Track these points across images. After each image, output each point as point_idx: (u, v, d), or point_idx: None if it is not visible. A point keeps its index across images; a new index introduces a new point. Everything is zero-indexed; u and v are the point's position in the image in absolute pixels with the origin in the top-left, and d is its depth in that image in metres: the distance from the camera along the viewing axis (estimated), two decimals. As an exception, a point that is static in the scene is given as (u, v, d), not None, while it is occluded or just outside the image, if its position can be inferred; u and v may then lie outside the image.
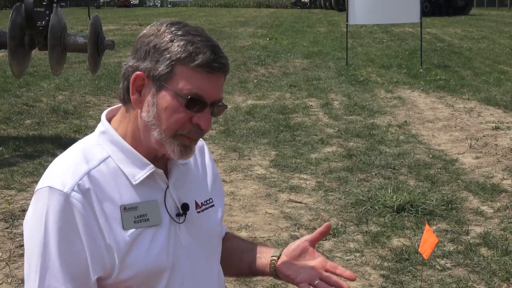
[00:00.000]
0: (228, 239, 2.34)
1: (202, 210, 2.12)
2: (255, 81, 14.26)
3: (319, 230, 2.17)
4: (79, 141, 2.06)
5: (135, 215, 1.95)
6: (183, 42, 1.88)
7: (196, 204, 2.10)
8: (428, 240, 3.12)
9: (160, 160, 2.03)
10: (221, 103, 1.97)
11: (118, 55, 18.77)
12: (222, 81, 1.96)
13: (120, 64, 16.55)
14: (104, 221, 1.91)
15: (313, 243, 2.20)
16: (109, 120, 2.06)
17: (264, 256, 2.28)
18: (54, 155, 7.77)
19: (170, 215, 2.01)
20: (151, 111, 1.91)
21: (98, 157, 1.97)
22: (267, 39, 24.83)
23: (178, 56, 1.87)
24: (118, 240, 1.92)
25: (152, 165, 1.98)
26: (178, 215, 2.03)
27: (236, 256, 2.31)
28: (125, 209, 1.94)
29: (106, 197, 1.93)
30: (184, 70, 1.88)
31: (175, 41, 1.88)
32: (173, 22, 1.95)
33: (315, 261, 2.17)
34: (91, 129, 9.08)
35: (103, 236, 1.90)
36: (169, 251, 1.99)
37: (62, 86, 12.99)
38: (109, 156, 1.97)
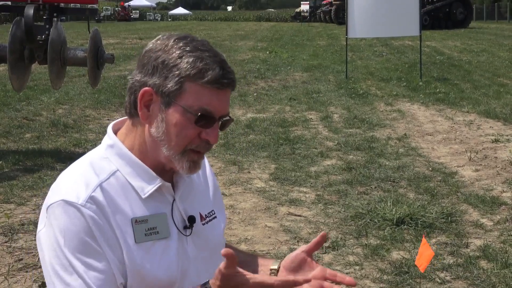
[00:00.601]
0: None
1: (207, 222, 2.14)
2: (255, 94, 14.27)
3: (314, 240, 2.17)
4: (86, 155, 2.07)
5: (145, 228, 1.96)
6: (192, 58, 1.89)
7: (201, 216, 2.12)
8: (424, 253, 3.12)
9: (166, 173, 2.04)
10: (228, 117, 1.99)
11: (118, 69, 18.80)
12: (229, 96, 1.98)
13: (120, 77, 16.61)
14: (119, 233, 1.92)
15: (310, 253, 2.20)
16: (115, 133, 2.06)
17: (263, 270, 2.27)
18: (54, 169, 7.81)
19: (177, 228, 2.03)
20: (160, 127, 1.93)
21: (106, 170, 1.98)
22: (267, 52, 24.89)
23: (188, 73, 1.88)
24: (131, 253, 1.94)
25: (160, 179, 2.00)
26: (185, 227, 2.05)
27: None
28: (136, 221, 1.95)
29: (118, 210, 1.94)
30: (193, 86, 1.89)
31: (184, 57, 1.89)
32: (180, 36, 1.95)
33: (314, 271, 2.17)
34: (91, 142, 9.14)
35: (120, 247, 1.92)
36: (178, 263, 2.01)
37: (62, 100, 13.01)
38: (117, 170, 1.99)
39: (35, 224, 5.76)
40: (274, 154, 8.71)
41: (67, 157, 8.33)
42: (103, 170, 1.98)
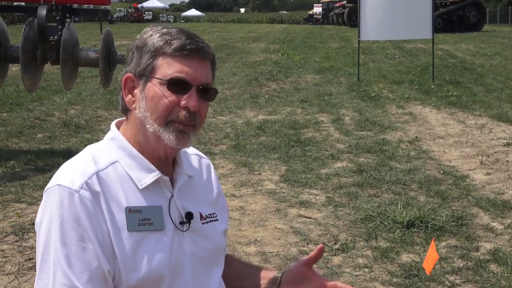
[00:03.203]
0: (228, 263, 2.36)
1: (207, 222, 2.17)
2: (267, 96, 14.28)
3: (313, 253, 2.22)
4: (88, 146, 2.13)
5: (139, 218, 1.99)
6: (159, 34, 2.03)
7: (201, 215, 2.15)
8: (431, 256, 3.11)
9: (165, 167, 2.09)
10: (208, 86, 2.06)
11: (131, 70, 18.84)
12: (205, 66, 2.07)
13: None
14: (111, 221, 1.96)
15: (309, 265, 2.23)
16: (118, 128, 2.14)
17: (264, 282, 2.29)
18: (65, 169, 7.79)
19: (173, 223, 2.05)
20: (142, 106, 2.02)
21: (106, 160, 2.04)
22: (279, 54, 24.89)
23: (156, 46, 2.01)
24: (122, 241, 1.96)
25: (158, 171, 2.05)
26: (181, 223, 2.07)
27: (235, 283, 2.34)
28: (130, 211, 1.99)
29: (112, 198, 1.98)
30: (163, 58, 2.01)
31: (153, 35, 2.03)
32: (158, 26, 2.09)
33: (315, 283, 2.21)
34: (102, 143, 9.14)
35: (110, 235, 1.95)
36: (171, 257, 2.03)
37: (74, 100, 13.06)
38: (117, 161, 2.04)
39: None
40: (285, 156, 8.71)
41: (78, 158, 8.34)
42: (103, 160, 2.03)
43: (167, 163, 2.11)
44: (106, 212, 1.95)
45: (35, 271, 2.01)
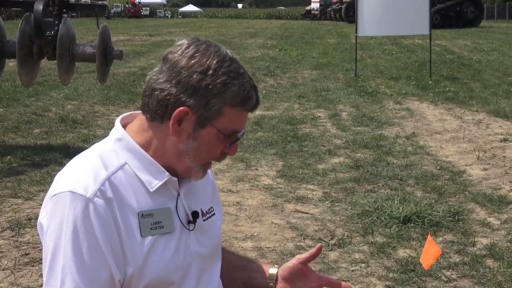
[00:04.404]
0: None
1: (207, 218, 2.16)
2: (264, 92, 14.27)
3: (311, 251, 2.23)
4: (94, 146, 2.07)
5: (151, 222, 1.97)
6: (237, 87, 1.92)
7: (202, 212, 2.14)
8: (429, 251, 3.11)
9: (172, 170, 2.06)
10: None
11: (128, 66, 18.83)
12: None
13: (130, 74, 16.64)
14: (124, 227, 1.93)
15: (305, 263, 2.24)
16: (124, 126, 2.07)
17: (260, 276, 2.30)
18: (62, 165, 7.77)
19: (182, 222, 2.04)
20: (190, 143, 1.97)
21: (115, 163, 1.99)
22: (277, 50, 24.89)
23: (232, 101, 1.92)
24: (136, 246, 1.95)
25: (168, 173, 2.01)
26: (189, 222, 2.07)
27: (228, 274, 2.33)
28: (142, 215, 1.96)
29: (125, 203, 1.95)
30: (231, 111, 1.94)
31: (229, 85, 1.92)
32: (220, 56, 1.94)
33: (311, 279, 2.22)
34: (99, 138, 9.11)
35: (122, 242, 1.93)
36: (179, 257, 2.02)
37: (71, 95, 13.04)
38: (126, 163, 1.99)
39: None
40: (282, 152, 8.71)
41: (75, 153, 8.19)
42: (112, 163, 1.98)
43: None
44: (119, 218, 1.92)
45: (32, 266, 2.00)
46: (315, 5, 70.05)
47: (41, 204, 6.03)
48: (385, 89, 14.81)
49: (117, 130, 2.05)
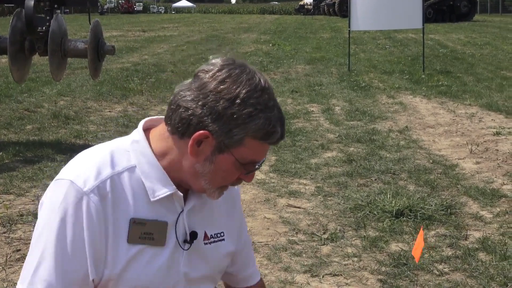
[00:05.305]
0: None
1: (210, 243, 2.11)
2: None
3: None
4: (111, 141, 2.07)
5: (141, 231, 1.95)
6: (262, 120, 1.87)
7: (205, 235, 2.10)
8: (420, 244, 3.12)
9: (184, 185, 2.03)
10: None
11: (121, 61, 18.80)
12: None
13: (123, 69, 16.61)
14: (113, 229, 1.92)
15: None
16: (147, 129, 2.05)
17: None
18: (54, 161, 7.81)
19: (177, 240, 2.01)
20: (207, 166, 1.93)
21: (124, 164, 1.97)
22: (270, 45, 24.87)
23: (254, 133, 1.88)
24: (119, 251, 1.94)
25: (174, 187, 1.98)
26: (185, 241, 2.03)
27: None
28: (134, 222, 1.94)
29: (120, 206, 1.93)
30: (252, 142, 1.90)
31: (254, 117, 1.86)
32: (251, 85, 1.88)
33: None
34: (92, 134, 9.15)
35: (107, 243, 1.92)
36: (164, 273, 2.00)
37: (63, 91, 13.01)
38: (135, 166, 1.97)
39: (34, 215, 5.77)
40: (274, 146, 8.67)
41: (67, 149, 8.34)
42: (121, 162, 1.97)
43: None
44: (110, 219, 1.91)
45: (23, 262, 2.00)
46: (308, 0, 69.99)
47: (33, 200, 6.03)
48: (378, 83, 14.81)
49: (138, 131, 2.03)
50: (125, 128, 9.55)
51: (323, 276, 4.84)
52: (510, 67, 17.53)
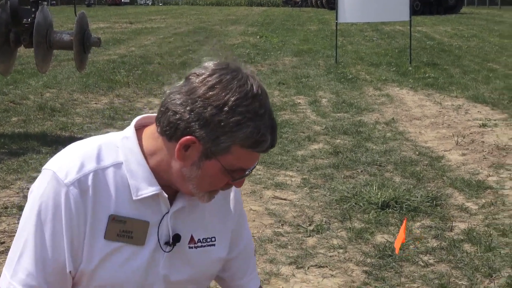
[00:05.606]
0: None
1: (196, 247, 2.07)
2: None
3: None
4: (103, 135, 2.05)
5: (120, 229, 1.93)
6: (250, 129, 1.82)
7: (192, 239, 2.06)
8: (402, 236, 3.13)
9: (173, 186, 1.99)
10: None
11: (108, 53, 18.73)
12: None
13: (109, 62, 16.55)
14: (90, 224, 1.91)
15: None
16: (140, 126, 2.03)
17: None
18: (40, 153, 7.77)
19: (159, 241, 1.98)
20: (194, 171, 1.89)
21: (111, 159, 1.95)
22: (258, 37, 24.83)
23: (242, 142, 1.83)
24: (95, 247, 1.92)
25: (159, 187, 1.95)
26: (166, 243, 2.00)
27: None
28: (113, 219, 1.92)
29: (101, 201, 1.91)
30: (240, 151, 1.85)
31: (242, 125, 1.82)
32: (242, 92, 1.83)
33: None
34: (77, 126, 9.11)
35: (84, 237, 1.91)
36: (141, 274, 1.98)
37: (49, 83, 12.94)
38: (122, 163, 1.95)
39: (19, 207, 5.75)
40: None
41: (53, 141, 8.30)
42: (108, 158, 1.96)
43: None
44: (89, 213, 1.90)
45: (7, 254, 2.01)
46: (296, -8, 69.86)
47: (17, 193, 6.02)
48: (365, 76, 14.82)
49: (130, 128, 2.01)
50: (111, 120, 9.52)
51: (308, 268, 4.85)
52: (497, 59, 17.57)
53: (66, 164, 1.93)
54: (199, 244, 2.07)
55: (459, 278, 4.70)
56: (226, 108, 1.81)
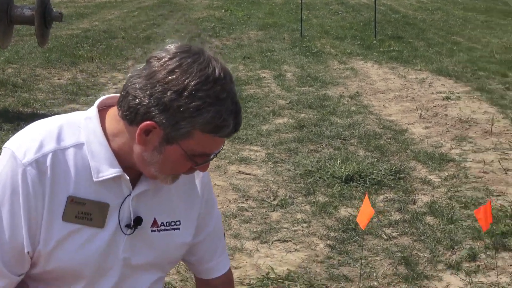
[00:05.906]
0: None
1: (159, 231, 2.04)
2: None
3: None
4: (66, 114, 2.01)
5: (79, 211, 1.90)
6: (211, 114, 1.78)
7: (155, 222, 2.03)
8: (365, 211, 3.14)
9: (136, 168, 1.95)
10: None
11: (71, 28, 18.49)
12: None
13: (72, 36, 16.35)
14: (48, 205, 1.88)
15: None
16: (103, 107, 1.98)
17: None
18: (1, 129, 7.67)
19: (119, 223, 1.95)
20: (155, 156, 1.86)
21: (72, 140, 1.91)
22: (223, 10, 24.68)
23: (202, 127, 1.79)
24: (53, 228, 1.89)
25: (120, 169, 1.92)
26: (127, 226, 1.97)
27: None
28: (72, 201, 1.89)
29: (60, 182, 1.88)
30: (201, 136, 1.81)
31: (203, 110, 1.77)
32: (203, 76, 1.78)
33: None
34: (40, 102, 9.00)
35: (42, 218, 1.88)
36: (100, 256, 1.95)
37: (12, 59, 12.75)
38: (84, 144, 1.91)
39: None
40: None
41: (15, 117, 8.20)
42: (69, 138, 1.92)
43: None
44: (47, 195, 1.87)
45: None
46: (261, -35, 69.63)
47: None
48: (330, 49, 14.82)
49: (92, 108, 1.96)
50: (74, 95, 9.42)
51: (272, 243, 4.86)
52: (461, 32, 17.67)
53: (25, 143, 1.89)
54: (162, 227, 2.04)
55: (421, 251, 4.75)
56: (185, 93, 1.76)
